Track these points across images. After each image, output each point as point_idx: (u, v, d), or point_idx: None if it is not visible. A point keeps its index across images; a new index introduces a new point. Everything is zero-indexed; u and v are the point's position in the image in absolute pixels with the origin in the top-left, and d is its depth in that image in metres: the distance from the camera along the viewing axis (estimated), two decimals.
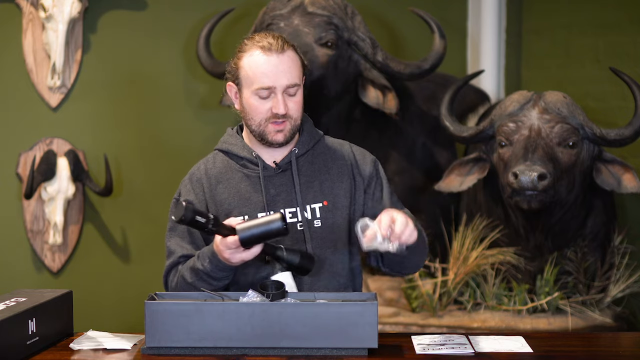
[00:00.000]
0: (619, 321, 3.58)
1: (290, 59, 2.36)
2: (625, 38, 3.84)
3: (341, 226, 2.42)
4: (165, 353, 2.14)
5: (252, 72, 2.35)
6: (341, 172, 2.45)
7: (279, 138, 2.38)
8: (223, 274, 2.30)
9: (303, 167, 2.44)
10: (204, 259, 2.30)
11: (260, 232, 2.18)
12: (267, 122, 2.37)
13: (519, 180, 3.30)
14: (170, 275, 2.43)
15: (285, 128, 2.37)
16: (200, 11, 4.22)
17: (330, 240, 2.41)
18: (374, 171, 2.48)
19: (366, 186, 2.46)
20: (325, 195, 2.42)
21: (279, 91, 2.34)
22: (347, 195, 2.44)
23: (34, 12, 4.10)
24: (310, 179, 2.43)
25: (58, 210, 4.06)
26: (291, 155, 2.43)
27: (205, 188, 2.44)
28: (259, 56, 2.35)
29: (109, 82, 4.23)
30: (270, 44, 2.35)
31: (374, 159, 2.52)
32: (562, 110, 3.44)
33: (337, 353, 2.12)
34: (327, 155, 2.48)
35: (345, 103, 3.75)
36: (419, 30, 4.15)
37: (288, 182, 2.42)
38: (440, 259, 3.80)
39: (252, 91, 2.36)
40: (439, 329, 3.57)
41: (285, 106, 2.35)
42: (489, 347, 2.21)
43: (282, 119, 2.36)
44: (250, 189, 2.41)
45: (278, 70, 2.34)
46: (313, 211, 2.41)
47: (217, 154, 2.50)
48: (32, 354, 2.19)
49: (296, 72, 2.37)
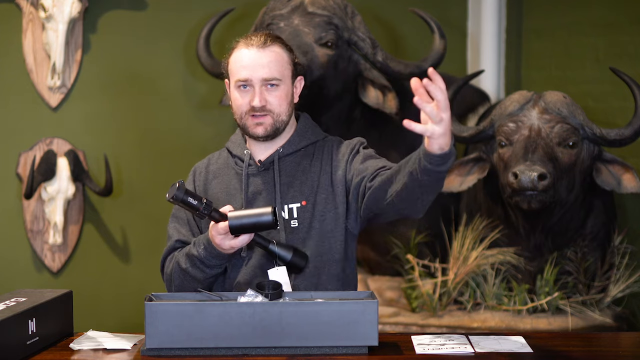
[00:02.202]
0: (619, 321, 3.58)
1: (274, 53, 2.42)
2: (625, 38, 3.84)
3: (319, 228, 2.42)
4: (165, 354, 2.13)
5: (234, 65, 2.44)
6: (324, 170, 2.46)
7: (259, 131, 2.42)
8: (216, 261, 2.36)
9: (288, 166, 2.47)
10: (199, 245, 2.36)
11: (249, 222, 2.26)
12: (247, 115, 2.42)
13: (519, 180, 3.30)
14: (166, 261, 2.49)
15: (266, 122, 2.41)
16: (200, 11, 4.22)
17: (306, 241, 2.41)
18: (351, 150, 2.46)
19: (346, 168, 2.44)
20: (304, 195, 2.44)
21: (257, 84, 2.40)
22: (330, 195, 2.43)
23: (34, 12, 4.10)
24: (292, 179, 2.45)
25: (58, 210, 4.06)
26: (275, 155, 2.46)
27: (201, 181, 2.52)
28: (241, 50, 2.44)
29: (109, 82, 4.23)
30: (253, 40, 2.43)
31: (357, 140, 2.50)
32: (562, 110, 3.45)
33: (338, 351, 2.13)
34: (316, 156, 2.49)
35: (345, 103, 3.75)
36: (419, 30, 4.15)
37: (270, 180, 2.45)
38: (440, 259, 3.80)
39: (234, 84, 2.44)
40: (439, 329, 3.57)
41: (262, 99, 2.39)
42: (489, 347, 2.21)
43: (261, 112, 2.40)
44: (238, 186, 2.47)
45: (256, 64, 2.40)
46: (290, 211, 2.43)
47: (223, 151, 2.58)
48: (32, 354, 2.19)
49: (277, 67, 2.41)
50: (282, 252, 2.34)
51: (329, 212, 2.43)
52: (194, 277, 2.39)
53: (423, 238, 3.85)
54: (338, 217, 2.43)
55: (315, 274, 2.41)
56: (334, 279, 2.42)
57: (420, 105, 2.06)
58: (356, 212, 2.43)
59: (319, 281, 2.41)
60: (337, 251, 2.43)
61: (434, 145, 2.10)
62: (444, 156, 2.10)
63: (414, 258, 3.75)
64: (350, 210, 2.43)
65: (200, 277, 2.39)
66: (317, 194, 2.44)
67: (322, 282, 2.41)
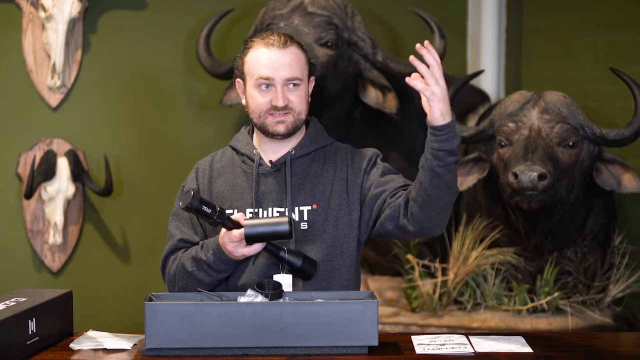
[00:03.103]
0: (619, 321, 3.58)
1: (293, 54, 2.43)
2: (625, 38, 3.84)
3: (333, 233, 2.42)
4: (165, 354, 2.13)
5: (254, 64, 2.42)
6: (338, 176, 2.46)
7: (280, 129, 2.42)
8: (224, 266, 2.36)
9: (299, 169, 2.47)
10: (208, 250, 2.35)
11: (265, 231, 2.26)
12: (266, 113, 2.42)
13: (519, 180, 3.30)
14: (168, 262, 2.48)
15: (288, 120, 2.42)
16: (200, 11, 4.22)
17: (316, 244, 2.41)
18: (369, 161, 2.48)
19: (363, 177, 2.46)
20: (316, 198, 2.44)
21: (279, 83, 2.40)
22: (344, 202, 2.43)
23: (34, 12, 4.10)
24: (303, 181, 2.45)
25: (58, 210, 4.06)
26: (287, 156, 2.46)
27: (205, 179, 2.51)
28: (261, 50, 2.43)
29: (109, 82, 4.22)
30: (273, 39, 2.42)
31: (373, 152, 2.52)
32: (562, 110, 3.45)
33: (338, 351, 2.13)
34: (328, 161, 2.49)
35: (345, 103, 3.75)
36: (419, 30, 4.15)
37: (281, 181, 2.45)
38: (440, 259, 3.80)
39: (254, 83, 2.42)
40: (439, 329, 3.57)
41: (284, 99, 2.40)
42: (489, 347, 2.21)
43: (282, 111, 2.40)
44: (245, 185, 2.46)
45: (279, 63, 2.40)
46: (301, 213, 2.43)
47: (227, 149, 2.57)
48: (32, 354, 2.19)
49: (298, 67, 2.42)
50: (292, 259, 2.33)
51: (343, 218, 2.43)
52: (200, 280, 2.39)
53: (423, 238, 3.85)
54: (352, 224, 2.43)
55: (325, 277, 2.41)
56: (344, 284, 2.42)
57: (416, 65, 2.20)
58: (367, 222, 2.44)
59: (328, 285, 2.41)
60: (349, 257, 2.43)
61: (435, 111, 2.22)
62: (447, 127, 2.22)
63: (414, 258, 3.75)
64: (362, 219, 2.44)
65: (207, 280, 2.39)
66: (330, 199, 2.44)
67: (332, 287, 2.41)
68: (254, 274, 2.41)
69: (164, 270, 2.50)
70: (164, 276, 2.51)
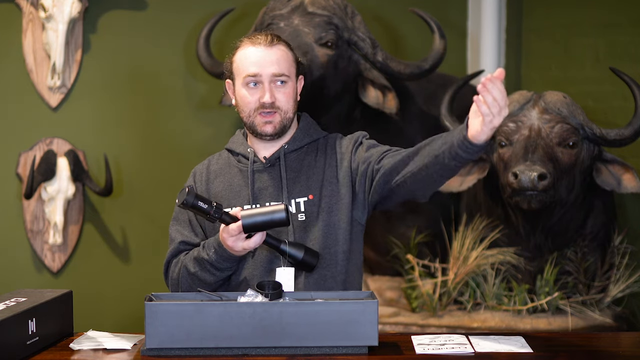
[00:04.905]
0: (619, 321, 3.58)
1: (280, 51, 2.46)
2: (625, 38, 3.84)
3: (327, 220, 2.43)
4: (165, 354, 2.13)
5: (242, 63, 2.46)
6: (328, 163, 2.48)
7: (268, 129, 2.45)
8: (227, 264, 2.37)
9: (293, 162, 2.49)
10: (209, 249, 2.37)
11: (262, 220, 2.26)
12: (255, 112, 2.44)
13: (519, 180, 3.30)
14: (171, 265, 2.49)
15: (275, 119, 2.44)
16: (200, 11, 4.22)
17: (314, 234, 2.42)
18: (355, 142, 2.51)
19: (351, 158, 2.48)
20: (311, 189, 2.46)
21: (266, 80, 2.43)
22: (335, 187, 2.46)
23: (34, 12, 4.10)
24: (298, 174, 2.48)
25: (58, 210, 4.06)
26: (280, 151, 2.48)
27: (203, 181, 2.54)
28: (248, 49, 2.46)
29: (109, 82, 4.22)
30: (260, 39, 2.46)
31: (359, 133, 2.55)
32: (562, 110, 3.45)
33: (338, 351, 2.13)
34: (320, 152, 2.51)
35: (345, 103, 3.75)
36: (419, 30, 4.15)
37: (276, 176, 2.47)
38: (440, 259, 3.80)
39: (242, 81, 2.45)
40: (439, 329, 3.57)
41: (272, 95, 2.42)
42: (489, 347, 2.21)
43: (270, 109, 2.43)
44: (242, 183, 2.49)
45: (265, 60, 2.43)
46: (298, 205, 2.45)
47: (223, 152, 2.60)
48: (32, 354, 2.19)
49: (285, 64, 2.45)
50: (293, 251, 2.33)
51: (335, 204, 2.45)
52: (204, 281, 2.40)
53: (423, 238, 3.86)
54: (343, 208, 2.45)
55: (323, 265, 2.42)
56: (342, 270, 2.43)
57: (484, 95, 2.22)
58: (363, 200, 2.46)
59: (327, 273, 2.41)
60: (345, 242, 2.44)
61: (483, 133, 2.20)
62: (482, 147, 2.22)
63: (414, 258, 3.75)
64: (357, 200, 2.46)
65: (210, 280, 2.40)
66: (322, 187, 2.46)
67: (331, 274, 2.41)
68: (256, 268, 2.42)
69: (166, 274, 2.51)
70: (167, 280, 2.51)
